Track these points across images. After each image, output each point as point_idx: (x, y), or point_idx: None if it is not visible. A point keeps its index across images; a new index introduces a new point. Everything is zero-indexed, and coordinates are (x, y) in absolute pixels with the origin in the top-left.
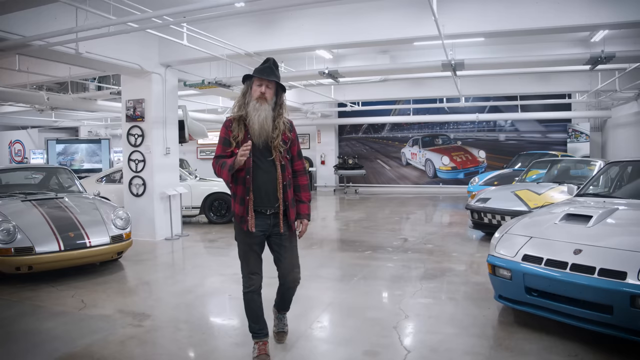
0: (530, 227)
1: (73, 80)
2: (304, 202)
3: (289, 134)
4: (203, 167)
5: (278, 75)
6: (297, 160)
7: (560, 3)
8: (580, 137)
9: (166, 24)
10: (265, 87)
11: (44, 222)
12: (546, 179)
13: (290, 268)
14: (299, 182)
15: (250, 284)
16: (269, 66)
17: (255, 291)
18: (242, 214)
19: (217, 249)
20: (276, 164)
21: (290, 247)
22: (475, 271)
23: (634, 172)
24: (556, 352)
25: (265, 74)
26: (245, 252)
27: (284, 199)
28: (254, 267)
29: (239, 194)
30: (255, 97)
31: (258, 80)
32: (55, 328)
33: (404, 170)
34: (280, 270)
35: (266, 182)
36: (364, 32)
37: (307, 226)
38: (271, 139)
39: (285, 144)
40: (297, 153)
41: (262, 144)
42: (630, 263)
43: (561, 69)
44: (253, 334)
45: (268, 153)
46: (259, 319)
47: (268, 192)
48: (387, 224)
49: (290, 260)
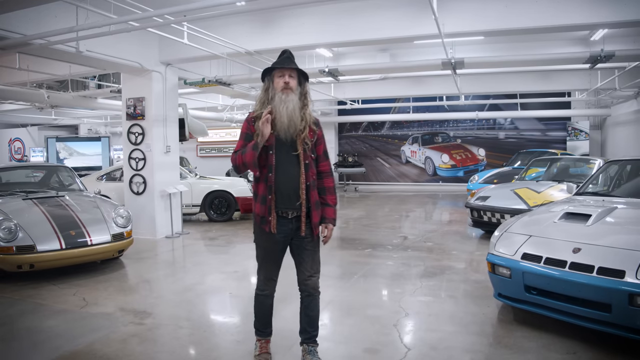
0: (530, 225)
1: (73, 78)
2: (329, 206)
3: (314, 129)
4: (203, 164)
5: (296, 64)
6: (323, 161)
7: (560, 2)
8: (579, 135)
9: (167, 23)
10: (288, 77)
11: (45, 220)
12: (545, 177)
13: (311, 272)
14: (325, 184)
15: (264, 289)
16: (288, 57)
17: (268, 295)
18: (264, 214)
19: (218, 247)
20: (300, 161)
21: (312, 252)
22: (475, 269)
23: (632, 171)
24: (555, 349)
25: (285, 64)
26: (264, 256)
27: (307, 200)
28: (271, 272)
29: (261, 192)
30: (280, 88)
31: (279, 71)
32: (57, 326)
33: (403, 168)
34: (301, 274)
35: (289, 182)
36: (364, 31)
37: (332, 231)
38: (298, 132)
39: (311, 140)
40: (323, 152)
41: (288, 140)
42: (629, 262)
43: (561, 68)
44: (257, 331)
45: (293, 149)
46: (267, 321)
47: (290, 192)
48: (387, 221)
49: (311, 265)
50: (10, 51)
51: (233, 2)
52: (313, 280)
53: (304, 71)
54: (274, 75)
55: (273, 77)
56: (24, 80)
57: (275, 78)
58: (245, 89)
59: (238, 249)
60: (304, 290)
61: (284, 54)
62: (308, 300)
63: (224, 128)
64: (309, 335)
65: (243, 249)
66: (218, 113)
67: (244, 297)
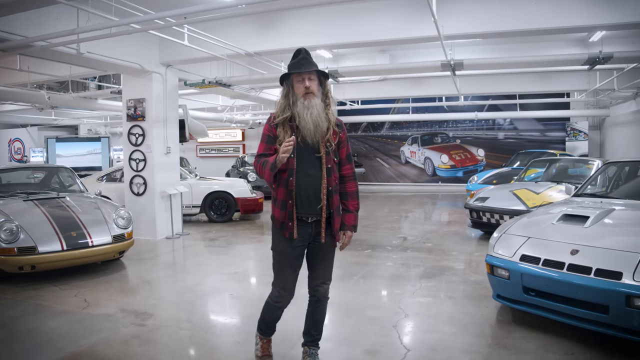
0: (528, 227)
1: (73, 79)
2: (350, 212)
3: (338, 131)
4: (203, 165)
5: (315, 64)
6: (346, 164)
7: (559, 4)
8: (578, 135)
9: (168, 26)
10: (308, 80)
11: (46, 221)
12: (544, 178)
13: (323, 279)
14: (347, 188)
15: (279, 300)
16: (304, 57)
17: (281, 307)
18: (284, 219)
19: (218, 248)
20: (322, 165)
21: (327, 258)
22: (474, 270)
23: (630, 172)
24: (553, 350)
25: (303, 67)
26: (282, 264)
27: (328, 205)
28: (287, 282)
29: (280, 197)
30: (301, 94)
31: (297, 76)
32: (59, 327)
33: (403, 168)
34: (312, 280)
35: (310, 186)
36: (364, 33)
37: (351, 238)
38: (323, 134)
39: (333, 143)
40: (347, 156)
41: (309, 143)
42: (626, 263)
43: (560, 68)
44: (260, 330)
45: (316, 152)
46: (272, 325)
47: (310, 197)
48: (386, 222)
49: (324, 271)
50: (12, 53)
51: (234, 5)
52: (324, 288)
53: (323, 71)
54: (293, 79)
55: (292, 81)
56: (24, 81)
57: (294, 83)
58: (245, 90)
59: (238, 250)
60: (313, 295)
61: (299, 54)
62: (316, 305)
63: (223, 128)
64: (312, 338)
65: (243, 250)
66: (218, 114)
67: (245, 298)
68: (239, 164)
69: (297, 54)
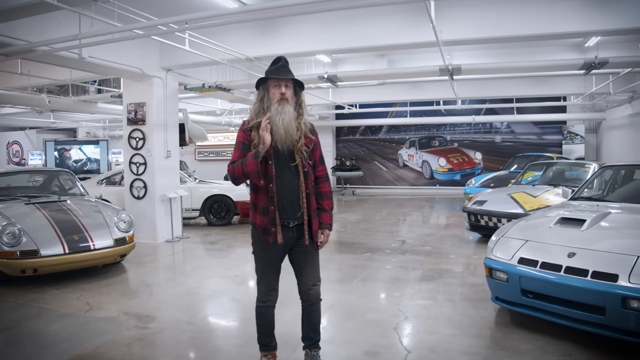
0: (526, 230)
1: (74, 83)
2: (326, 211)
3: (311, 136)
4: (201, 168)
5: (292, 73)
6: (319, 166)
7: (555, 10)
8: (575, 138)
9: (170, 32)
10: (284, 87)
11: (48, 225)
12: (541, 182)
13: (313, 282)
14: (322, 189)
15: (266, 300)
16: (283, 65)
17: (271, 306)
18: (266, 225)
19: (218, 251)
20: (299, 170)
21: (313, 260)
22: (472, 273)
23: (626, 176)
24: (551, 351)
25: (281, 74)
26: (265, 267)
27: (308, 208)
28: (272, 282)
29: (261, 204)
30: (276, 100)
31: (274, 81)
32: (62, 330)
33: (401, 171)
34: (303, 285)
35: (289, 191)
36: (363, 38)
37: (329, 237)
38: (294, 142)
39: (307, 148)
40: (320, 158)
41: (285, 150)
42: (622, 266)
43: (556, 73)
44: (262, 346)
45: (291, 159)
46: (270, 332)
47: (291, 202)
48: (384, 225)
49: (313, 273)
50: (15, 57)
51: (234, 13)
52: (316, 290)
53: (299, 80)
54: (269, 84)
55: (268, 86)
56: (24, 84)
57: (270, 88)
58: (245, 94)
59: (238, 253)
60: (306, 300)
61: (279, 61)
62: (311, 309)
63: (222, 132)
64: (312, 341)
65: (243, 253)
66: (217, 117)
67: (246, 301)
68: None
69: (277, 61)
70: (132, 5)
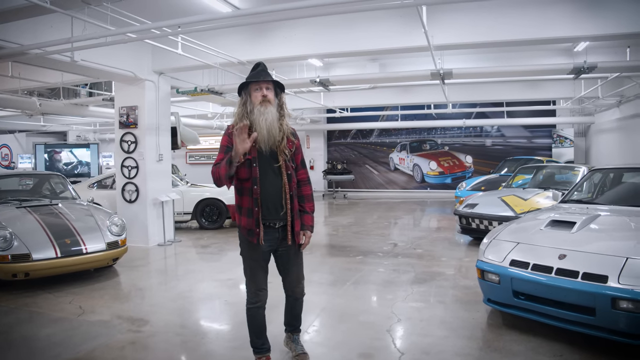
0: (517, 233)
1: (65, 86)
2: (307, 213)
3: (293, 140)
4: (192, 172)
5: (271, 75)
6: (301, 169)
7: (546, 16)
8: (564, 142)
9: (164, 35)
10: (265, 89)
11: (39, 228)
12: (532, 185)
13: (297, 281)
14: (303, 192)
15: (256, 300)
16: (262, 69)
17: (261, 307)
18: (251, 226)
19: (210, 255)
20: (282, 172)
21: (298, 260)
22: (464, 275)
23: (615, 179)
24: (543, 352)
25: (261, 77)
26: (252, 268)
27: (291, 209)
28: (260, 283)
29: (246, 205)
30: (258, 102)
31: (255, 84)
32: (55, 334)
33: (392, 175)
34: (287, 283)
35: (273, 192)
36: (355, 42)
37: (310, 238)
38: (277, 143)
39: (290, 150)
40: (301, 162)
41: (268, 152)
42: (612, 267)
43: (546, 77)
44: (255, 349)
45: (274, 161)
46: (262, 334)
47: (275, 203)
48: (376, 228)
49: (297, 272)
50: (7, 60)
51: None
52: (300, 287)
53: (279, 82)
54: (251, 88)
55: (250, 90)
56: (15, 87)
57: (252, 92)
58: (236, 97)
59: (230, 257)
60: (291, 295)
61: (258, 66)
62: (295, 303)
63: (213, 135)
64: (294, 326)
65: (235, 257)
66: (208, 121)
67: (239, 304)
68: None
69: (256, 67)
70: (124, 9)
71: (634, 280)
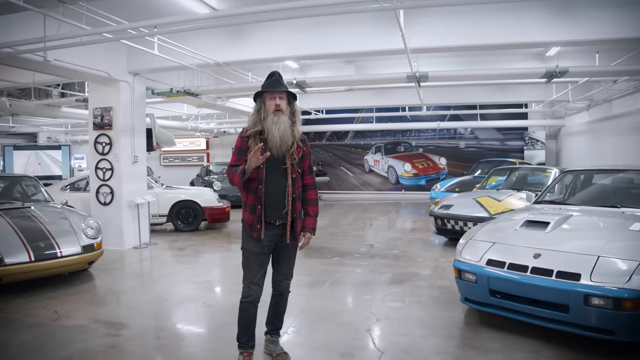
0: (493, 233)
1: (36, 86)
2: (310, 216)
3: (301, 146)
4: (166, 174)
5: (286, 86)
6: (307, 175)
7: (521, 21)
8: (536, 144)
9: (140, 36)
10: (279, 99)
11: (12, 232)
12: (505, 186)
13: (286, 275)
14: (308, 196)
15: (249, 294)
16: (277, 79)
17: (252, 302)
18: (252, 222)
19: (187, 257)
20: (288, 175)
21: (290, 257)
22: (440, 275)
23: (585, 180)
24: (519, 349)
25: (275, 87)
26: (250, 261)
27: (292, 210)
28: (255, 276)
29: (250, 202)
30: (272, 111)
31: (269, 94)
32: (31, 340)
33: (367, 177)
34: (276, 276)
35: (277, 193)
36: (333, 44)
37: (310, 240)
38: (288, 147)
39: (297, 156)
40: (309, 167)
41: (277, 155)
42: (584, 265)
43: (518, 81)
44: (240, 344)
45: (281, 164)
46: (249, 330)
47: (277, 202)
48: (352, 230)
49: (287, 268)
50: None
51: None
52: (287, 283)
53: (292, 92)
54: (265, 97)
55: (264, 99)
56: None
57: (266, 100)
58: (212, 99)
59: (207, 259)
60: (276, 289)
61: (273, 76)
62: (279, 298)
63: (187, 137)
64: (275, 327)
65: (212, 259)
66: (182, 122)
67: (217, 307)
68: (204, 172)
69: (272, 76)
70: (100, 8)
71: (605, 278)
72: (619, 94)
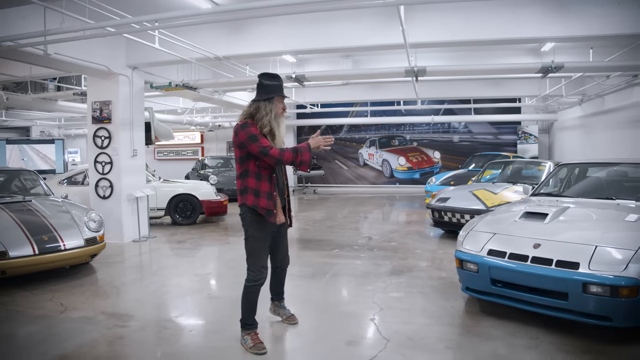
0: (493, 224)
1: (33, 80)
2: None
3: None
4: (161, 168)
5: None
6: None
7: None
8: (529, 138)
9: (143, 30)
10: (284, 102)
11: (15, 225)
12: (500, 179)
13: (285, 253)
14: None
15: (260, 277)
16: (282, 83)
17: (262, 284)
18: (270, 207)
19: (187, 250)
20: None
21: (286, 236)
22: (438, 267)
23: (580, 173)
24: (519, 336)
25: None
26: (261, 247)
27: (288, 195)
28: (265, 261)
29: (265, 189)
30: (280, 111)
31: (281, 97)
32: (39, 332)
33: (361, 170)
34: (278, 256)
35: (282, 181)
36: (332, 39)
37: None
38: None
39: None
40: None
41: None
42: (582, 255)
43: (512, 75)
44: (247, 326)
45: None
46: (255, 311)
47: (282, 190)
48: (349, 223)
49: (286, 247)
50: None
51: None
52: (288, 258)
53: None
54: (276, 99)
55: (275, 101)
56: None
57: (276, 102)
58: (209, 93)
59: (207, 252)
60: (279, 266)
61: (279, 79)
62: (282, 273)
63: (182, 131)
64: (278, 292)
65: (212, 252)
66: (178, 116)
67: (222, 298)
68: (199, 166)
69: (278, 79)
70: (102, 1)
71: (602, 266)
72: (612, 89)
